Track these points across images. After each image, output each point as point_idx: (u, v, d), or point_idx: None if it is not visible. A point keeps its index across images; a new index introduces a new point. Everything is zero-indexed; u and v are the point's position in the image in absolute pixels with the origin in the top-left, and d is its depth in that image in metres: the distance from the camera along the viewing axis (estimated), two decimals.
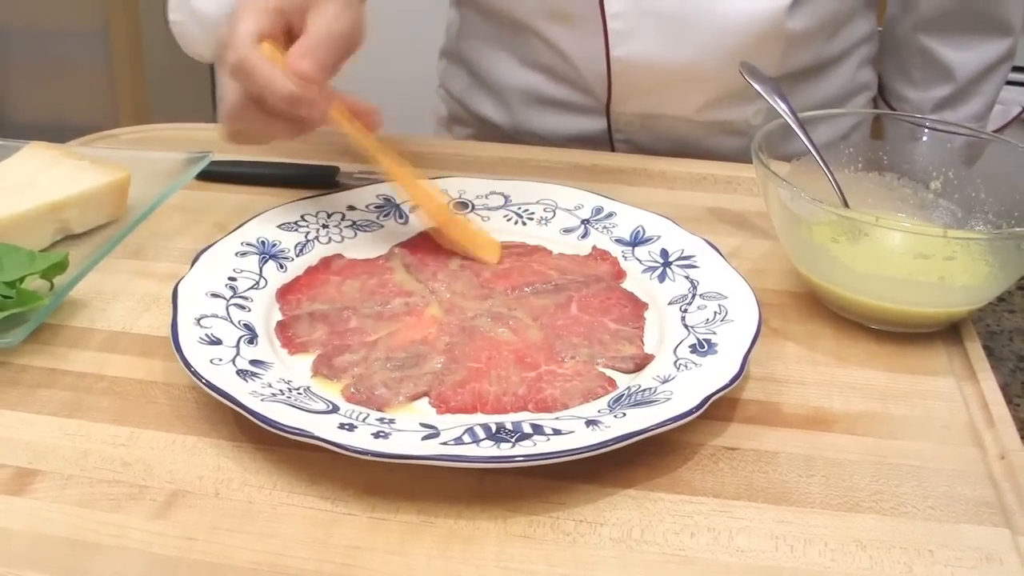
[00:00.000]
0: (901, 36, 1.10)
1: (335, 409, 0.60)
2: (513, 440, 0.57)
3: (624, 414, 0.59)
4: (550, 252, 0.78)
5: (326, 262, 0.75)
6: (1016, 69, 1.15)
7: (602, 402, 0.62)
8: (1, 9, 2.31)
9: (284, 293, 0.72)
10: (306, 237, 0.77)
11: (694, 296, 0.71)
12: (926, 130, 0.81)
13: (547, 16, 0.99)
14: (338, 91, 0.73)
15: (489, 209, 0.82)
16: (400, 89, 1.97)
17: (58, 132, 0.96)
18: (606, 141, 1.06)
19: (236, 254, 0.73)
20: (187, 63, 1.04)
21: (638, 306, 0.72)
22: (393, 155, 0.77)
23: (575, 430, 0.58)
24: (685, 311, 0.70)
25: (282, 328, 0.68)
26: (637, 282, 0.75)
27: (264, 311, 0.70)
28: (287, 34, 0.71)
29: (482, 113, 1.11)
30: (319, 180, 0.89)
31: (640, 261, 0.76)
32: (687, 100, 1.00)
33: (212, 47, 0.81)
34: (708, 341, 0.66)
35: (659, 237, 0.77)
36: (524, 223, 0.81)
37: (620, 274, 0.75)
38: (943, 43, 1.08)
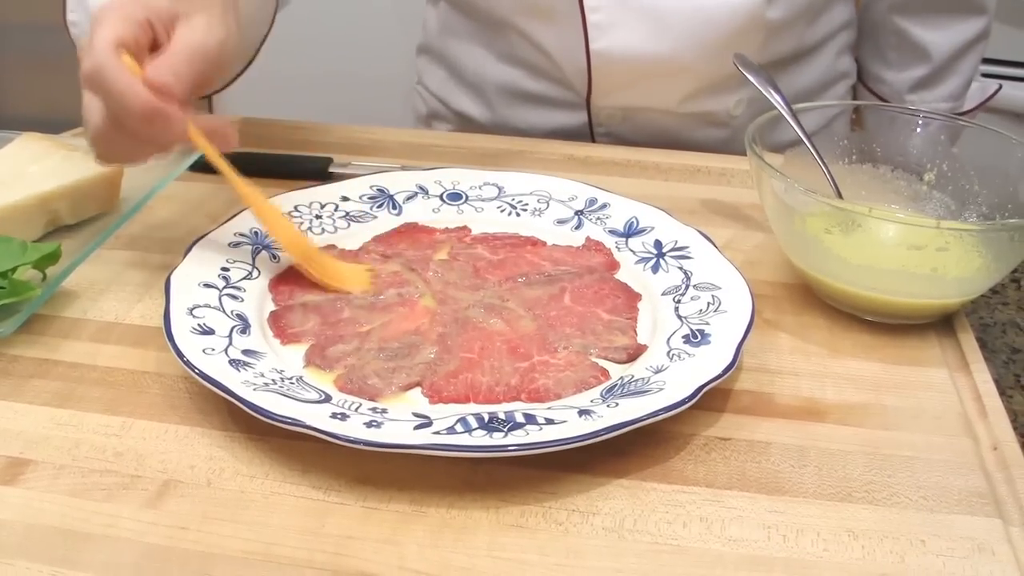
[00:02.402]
0: (876, 18, 1.10)
1: (328, 399, 0.60)
2: (506, 430, 0.57)
3: (617, 404, 0.59)
4: (544, 243, 0.78)
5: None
6: (988, 61, 1.16)
7: (595, 392, 0.62)
8: None
9: (277, 283, 0.72)
10: (299, 228, 0.77)
11: (687, 287, 0.71)
12: (920, 121, 0.81)
13: (526, 11, 0.99)
14: (194, 110, 0.67)
15: (483, 200, 0.82)
16: (378, 86, 1.97)
17: (52, 125, 0.96)
18: (587, 135, 1.06)
19: (229, 244, 0.73)
20: None
21: (631, 297, 0.72)
22: (249, 184, 0.71)
23: (568, 420, 0.58)
24: (678, 302, 0.70)
25: (275, 318, 0.68)
26: (631, 273, 0.74)
27: (257, 301, 0.69)
28: (153, 48, 0.66)
29: (461, 109, 1.11)
30: (312, 171, 0.89)
31: (634, 252, 0.76)
32: (668, 92, 1.00)
33: None
34: (701, 332, 0.66)
35: (653, 228, 0.77)
36: (518, 214, 0.81)
37: (613, 265, 0.75)
38: (917, 23, 1.08)
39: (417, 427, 0.57)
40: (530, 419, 0.58)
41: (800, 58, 1.04)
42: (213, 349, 0.62)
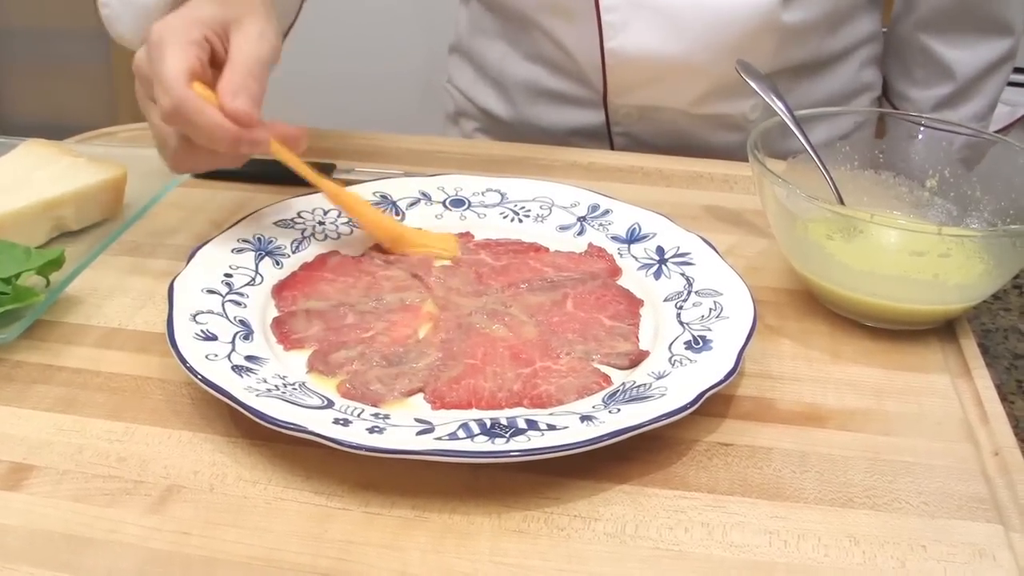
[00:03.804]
0: (903, 35, 1.10)
1: (330, 405, 0.60)
2: (508, 435, 0.57)
3: (619, 410, 0.59)
4: (546, 249, 0.78)
5: (322, 259, 0.76)
6: (1020, 70, 1.15)
7: (597, 398, 0.62)
8: (0, 8, 2.31)
9: (280, 289, 0.72)
10: (302, 234, 0.77)
11: (690, 293, 0.71)
12: (922, 128, 0.82)
13: (546, 9, 1.00)
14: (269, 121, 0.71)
15: (485, 206, 0.82)
16: (412, 85, 1.98)
17: (57, 131, 0.96)
18: (605, 134, 1.06)
19: (232, 251, 0.74)
20: None
21: (633, 303, 0.72)
22: (327, 178, 0.76)
23: (569, 425, 0.58)
24: (680, 308, 0.70)
25: (278, 324, 0.68)
26: (633, 279, 0.75)
27: (260, 307, 0.70)
28: (212, 60, 0.70)
29: (486, 106, 1.13)
30: None
31: (636, 258, 0.76)
32: (682, 93, 1.00)
33: (138, 33, 0.79)
34: (703, 338, 0.66)
35: (655, 234, 0.78)
36: (520, 220, 0.81)
37: (616, 271, 0.76)
38: (943, 42, 1.08)
39: (419, 433, 0.57)
40: (532, 425, 0.58)
41: (820, 67, 1.04)
42: (216, 355, 0.62)
